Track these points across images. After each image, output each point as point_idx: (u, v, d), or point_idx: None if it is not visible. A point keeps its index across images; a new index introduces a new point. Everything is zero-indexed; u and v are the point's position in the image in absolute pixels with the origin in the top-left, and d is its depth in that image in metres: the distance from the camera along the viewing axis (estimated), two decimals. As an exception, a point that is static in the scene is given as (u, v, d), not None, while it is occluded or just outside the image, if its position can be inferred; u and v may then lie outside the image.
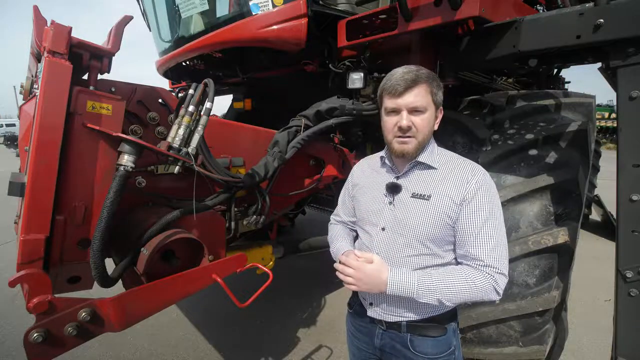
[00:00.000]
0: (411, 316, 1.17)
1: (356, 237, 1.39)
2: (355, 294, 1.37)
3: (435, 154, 1.19)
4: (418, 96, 1.09)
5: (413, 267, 1.13)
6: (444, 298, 1.05)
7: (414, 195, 1.14)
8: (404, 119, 1.10)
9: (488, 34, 1.71)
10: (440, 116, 1.18)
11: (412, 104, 1.09)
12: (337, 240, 1.38)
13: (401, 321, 1.18)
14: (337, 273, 1.19)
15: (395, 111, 1.12)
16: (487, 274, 1.06)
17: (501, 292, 1.07)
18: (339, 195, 1.50)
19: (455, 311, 1.25)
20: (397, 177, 1.21)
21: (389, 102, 1.13)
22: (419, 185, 1.16)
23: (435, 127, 1.18)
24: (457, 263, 1.15)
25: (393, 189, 1.19)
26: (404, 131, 1.11)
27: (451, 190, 1.10)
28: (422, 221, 1.11)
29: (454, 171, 1.13)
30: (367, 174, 1.33)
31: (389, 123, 1.15)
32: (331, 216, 1.53)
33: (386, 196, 1.21)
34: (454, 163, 1.17)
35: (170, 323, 3.04)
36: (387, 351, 1.24)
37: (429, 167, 1.16)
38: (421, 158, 1.16)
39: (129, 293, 1.18)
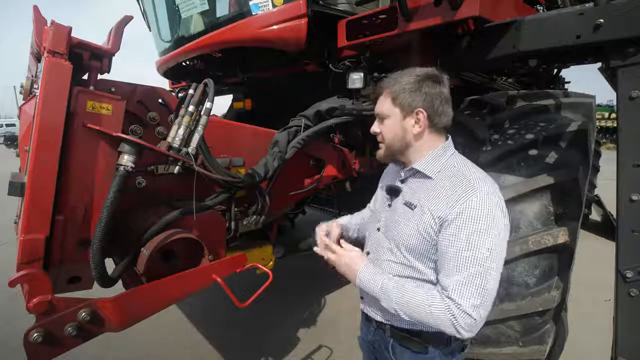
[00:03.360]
0: (393, 321, 1.16)
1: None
2: None
3: (436, 163, 1.09)
4: (379, 103, 1.15)
5: (391, 272, 1.12)
6: (400, 311, 1.02)
7: (405, 203, 1.13)
8: (373, 125, 1.18)
9: (488, 34, 1.71)
10: (420, 117, 1.06)
11: (376, 110, 1.16)
12: (351, 216, 1.50)
13: (386, 323, 1.19)
14: (318, 245, 1.27)
15: None
16: (447, 307, 0.94)
17: (464, 332, 0.93)
18: None
19: (446, 340, 1.11)
20: (401, 182, 1.20)
21: None
22: (411, 193, 1.13)
23: (416, 131, 1.08)
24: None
25: (393, 192, 1.20)
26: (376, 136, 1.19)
27: (436, 206, 1.02)
28: (404, 230, 1.09)
29: (447, 186, 1.03)
30: (388, 172, 1.36)
31: None
32: None
33: (387, 198, 1.22)
34: (453, 177, 1.05)
35: (170, 323, 3.04)
36: (376, 348, 1.27)
37: (426, 176, 1.10)
38: (417, 165, 1.11)
39: (129, 293, 1.18)
